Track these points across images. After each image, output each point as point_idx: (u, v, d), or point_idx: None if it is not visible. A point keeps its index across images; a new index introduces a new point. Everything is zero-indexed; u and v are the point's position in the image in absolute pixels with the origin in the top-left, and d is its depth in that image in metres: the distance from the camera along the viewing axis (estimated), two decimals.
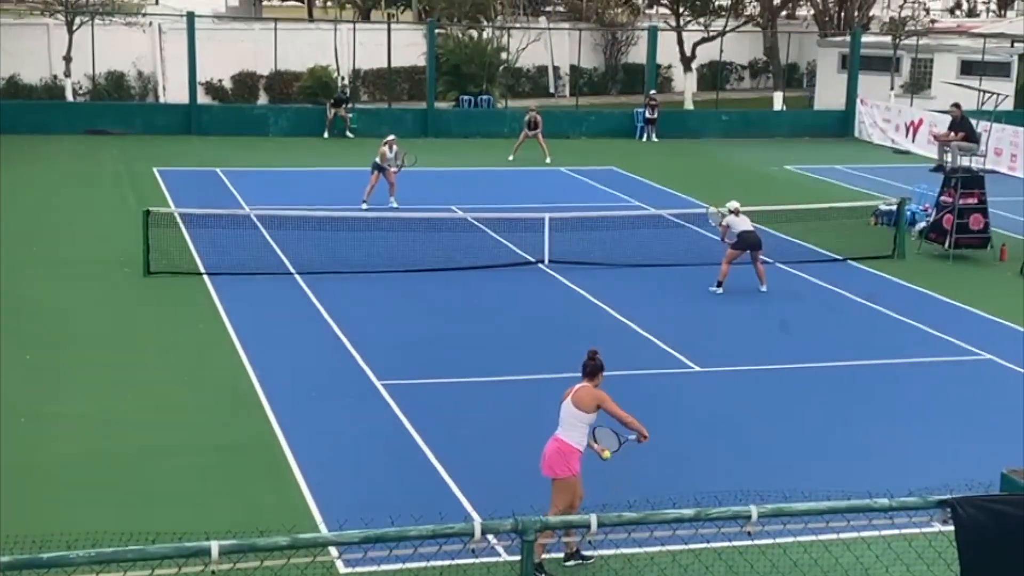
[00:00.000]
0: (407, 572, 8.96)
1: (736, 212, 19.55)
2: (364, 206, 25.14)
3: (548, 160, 33.08)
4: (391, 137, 26.65)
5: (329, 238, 21.56)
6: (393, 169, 25.74)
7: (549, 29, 50.01)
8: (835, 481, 10.74)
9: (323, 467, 12.19)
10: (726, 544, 9.15)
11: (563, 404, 10.10)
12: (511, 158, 33.34)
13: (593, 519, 6.29)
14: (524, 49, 48.16)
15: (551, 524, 6.36)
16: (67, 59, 40.18)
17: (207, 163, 31.60)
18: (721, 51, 47.30)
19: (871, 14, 54.07)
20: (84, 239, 22.53)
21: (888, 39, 46.82)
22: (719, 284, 19.37)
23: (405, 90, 48.10)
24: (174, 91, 43.46)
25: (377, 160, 25.82)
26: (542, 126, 34.07)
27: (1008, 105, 39.13)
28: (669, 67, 52.15)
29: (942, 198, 22.95)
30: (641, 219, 24.45)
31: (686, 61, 48.38)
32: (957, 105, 30.16)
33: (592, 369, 10.19)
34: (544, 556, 9.69)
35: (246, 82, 46.71)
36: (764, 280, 19.58)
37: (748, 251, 19.42)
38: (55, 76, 42.65)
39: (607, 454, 10.02)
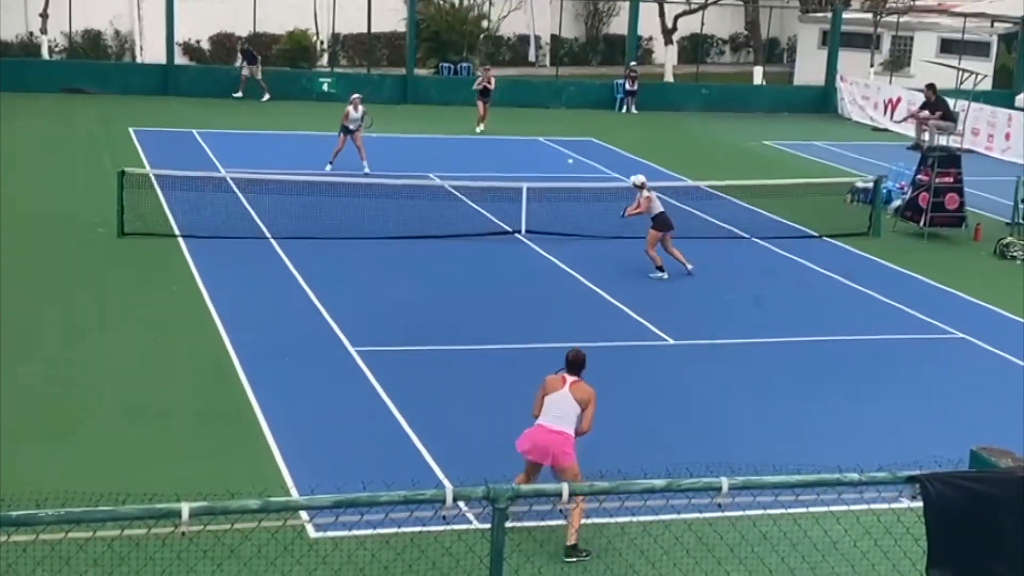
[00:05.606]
0: (378, 537, 8.98)
1: (643, 187, 18.52)
2: (328, 167, 25.05)
3: (479, 129, 32.63)
4: (356, 96, 26.42)
5: (305, 203, 21.43)
6: (352, 127, 25.53)
7: None
8: (806, 455, 10.78)
9: (295, 432, 12.17)
10: (696, 515, 9.19)
11: (558, 396, 9.81)
12: (479, 130, 32.95)
13: (564, 488, 6.31)
14: (505, 17, 47.88)
15: (523, 492, 6.35)
16: (43, 16, 39.73)
17: (183, 124, 31.36)
18: (702, 24, 47.18)
19: None
20: (58, 198, 22.34)
21: (869, 16, 46.83)
22: (660, 269, 18.49)
23: (385, 55, 47.80)
24: (151, 51, 43.03)
25: (342, 121, 25.65)
26: (493, 87, 33.47)
27: (987, 85, 39.28)
28: (650, 39, 52.00)
29: (918, 177, 23.03)
30: (618, 191, 24.39)
31: (667, 33, 48.21)
32: (931, 86, 30.23)
33: (579, 366, 9.98)
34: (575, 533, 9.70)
35: (224, 44, 46.31)
36: (687, 260, 18.68)
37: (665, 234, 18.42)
38: (31, 33, 42.19)
39: None
